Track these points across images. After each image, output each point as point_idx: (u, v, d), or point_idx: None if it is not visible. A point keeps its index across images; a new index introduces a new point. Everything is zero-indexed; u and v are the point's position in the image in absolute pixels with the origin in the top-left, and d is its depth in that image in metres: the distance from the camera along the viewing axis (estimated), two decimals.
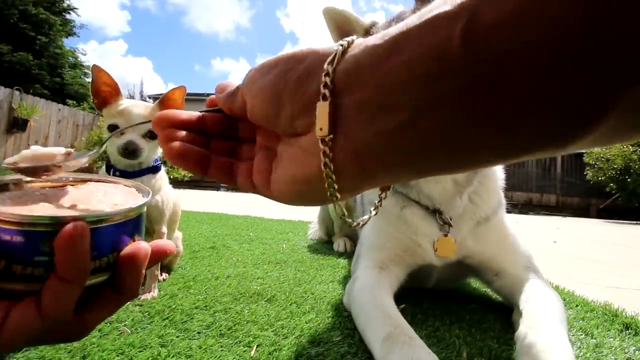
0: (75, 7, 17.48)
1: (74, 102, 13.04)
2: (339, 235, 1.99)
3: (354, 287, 0.91)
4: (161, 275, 1.13)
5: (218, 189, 11.84)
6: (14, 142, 9.45)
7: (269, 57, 0.32)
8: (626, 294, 1.44)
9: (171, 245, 0.35)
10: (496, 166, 1.04)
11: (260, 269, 1.36)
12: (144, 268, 0.32)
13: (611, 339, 0.85)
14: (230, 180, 0.35)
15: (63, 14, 17.11)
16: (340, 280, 1.28)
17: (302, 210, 4.63)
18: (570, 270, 1.91)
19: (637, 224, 8.52)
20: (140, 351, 0.67)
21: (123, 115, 0.97)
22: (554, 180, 12.17)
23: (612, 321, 0.97)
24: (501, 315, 0.97)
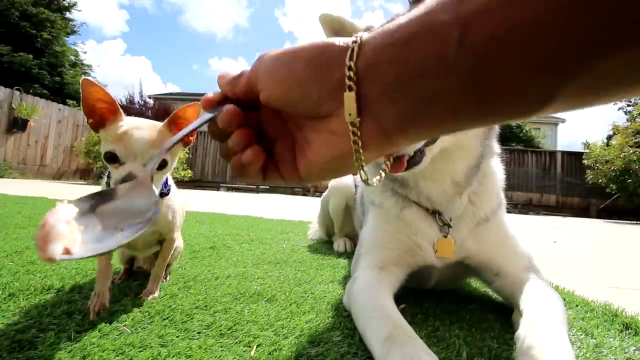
0: (75, 3, 17.45)
1: (74, 102, 13.05)
2: (339, 235, 1.99)
3: (354, 287, 0.91)
4: (165, 279, 1.12)
5: (218, 188, 11.84)
6: (14, 142, 9.45)
7: (284, 47, 0.37)
8: (626, 294, 1.44)
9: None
10: (496, 166, 1.04)
11: (260, 269, 1.36)
12: None
13: (611, 339, 0.85)
14: (244, 172, 0.39)
15: (63, 12, 17.10)
16: (340, 280, 1.28)
17: (302, 210, 4.63)
18: (570, 270, 1.92)
19: (637, 224, 8.52)
20: (140, 351, 0.67)
21: (122, 141, 0.79)
22: (554, 180, 12.17)
23: (612, 321, 0.97)
24: (501, 315, 0.97)
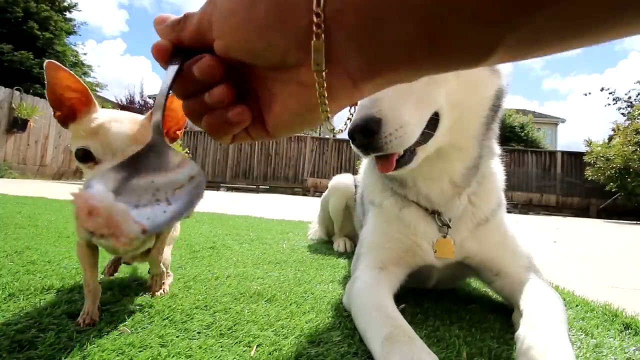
0: (76, 3, 17.45)
1: None
2: (339, 235, 1.99)
3: (353, 287, 0.91)
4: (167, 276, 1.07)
5: (218, 188, 11.84)
6: (14, 142, 9.45)
7: None
8: (626, 294, 1.44)
9: None
10: (496, 166, 1.03)
11: (260, 269, 1.36)
12: None
13: (611, 339, 0.85)
14: (225, 133, 0.37)
15: (64, 13, 17.11)
16: (340, 280, 1.28)
17: (302, 210, 4.63)
18: (570, 270, 1.92)
19: (637, 224, 8.52)
20: (140, 351, 0.67)
21: (98, 136, 0.68)
22: (554, 180, 12.17)
23: (612, 321, 0.97)
24: (501, 315, 0.97)
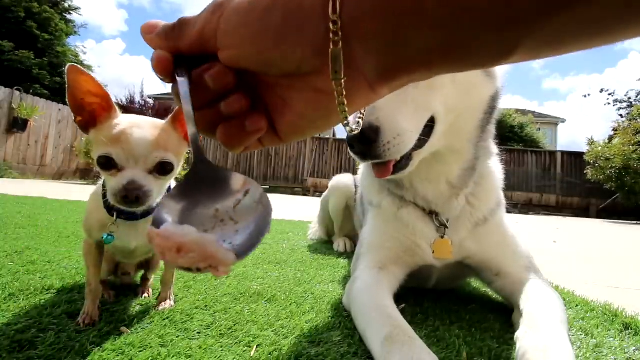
0: (78, 7, 17.54)
1: None
2: (339, 235, 1.99)
3: (353, 287, 0.91)
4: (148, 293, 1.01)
5: None
6: (14, 142, 9.45)
7: None
8: (626, 294, 1.44)
9: None
10: (494, 166, 1.03)
11: (260, 269, 1.36)
12: None
13: (611, 339, 0.85)
14: (241, 143, 0.35)
15: (64, 14, 17.13)
16: (340, 280, 1.28)
17: (302, 210, 4.63)
18: (570, 270, 1.91)
19: (637, 223, 8.51)
20: (140, 351, 0.67)
21: (120, 143, 0.68)
22: (554, 180, 12.16)
23: (612, 321, 0.97)
24: (501, 315, 0.97)
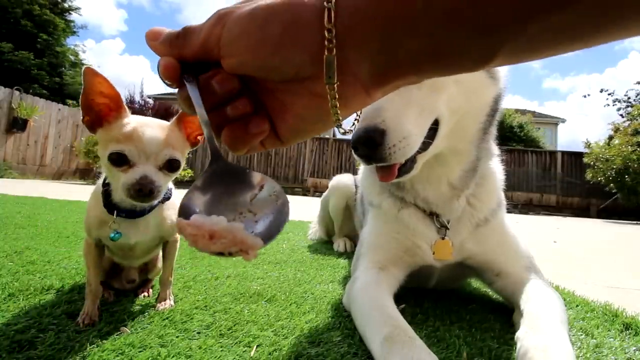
0: (78, 7, 17.56)
1: (74, 102, 13.03)
2: (339, 236, 1.99)
3: (353, 288, 0.91)
4: (148, 293, 1.02)
5: None
6: (14, 142, 9.44)
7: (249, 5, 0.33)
8: (626, 294, 1.44)
9: None
10: (495, 167, 1.03)
11: (260, 269, 1.36)
12: None
13: (611, 339, 0.85)
14: (245, 145, 0.37)
15: (64, 15, 17.13)
16: (340, 280, 1.28)
17: (302, 210, 4.63)
18: (570, 270, 1.91)
19: (637, 224, 8.51)
20: (140, 351, 0.67)
21: (132, 140, 0.72)
22: (554, 180, 12.16)
23: (612, 321, 0.97)
24: (501, 316, 0.97)
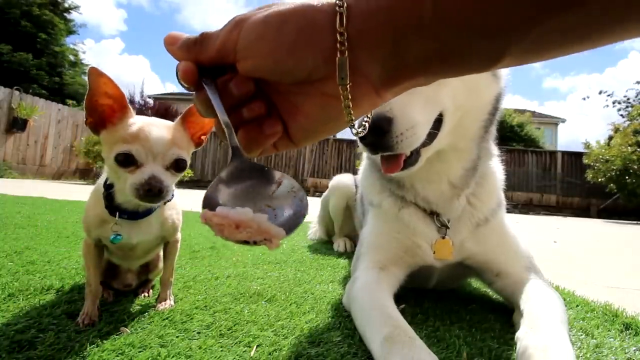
0: (77, 6, 17.54)
1: (74, 102, 13.04)
2: (339, 235, 1.99)
3: (353, 288, 0.91)
4: (148, 293, 1.01)
5: None
6: (14, 142, 9.44)
7: (264, 10, 0.35)
8: (626, 294, 1.44)
9: None
10: (495, 166, 1.03)
11: (260, 269, 1.36)
12: None
13: (611, 339, 0.85)
14: (259, 146, 0.38)
15: (64, 14, 17.13)
16: (340, 280, 1.28)
17: None
18: (570, 270, 1.91)
19: (637, 224, 8.52)
20: (140, 351, 0.67)
21: (139, 140, 0.72)
22: (554, 180, 12.16)
23: (613, 321, 0.97)
24: (501, 316, 0.97)
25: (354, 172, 1.95)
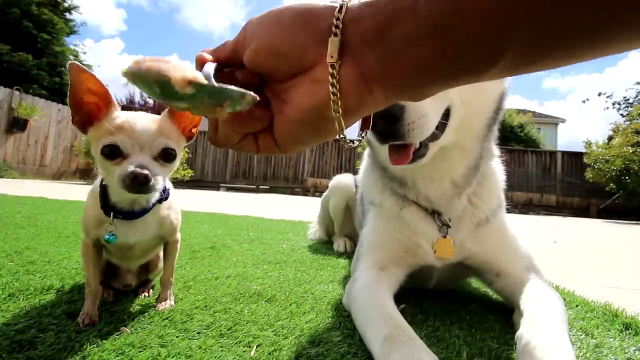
0: (77, 5, 17.54)
1: None
2: (339, 235, 1.99)
3: (353, 287, 0.91)
4: (148, 293, 1.01)
5: (218, 188, 11.83)
6: (14, 142, 9.44)
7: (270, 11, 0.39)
8: (626, 294, 1.44)
9: None
10: (496, 167, 1.04)
11: (260, 269, 1.36)
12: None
13: (611, 339, 0.85)
14: (246, 128, 0.40)
15: (64, 14, 17.13)
16: (340, 280, 1.28)
17: (302, 211, 4.63)
18: (570, 270, 1.91)
19: (637, 224, 8.51)
20: (140, 351, 0.67)
21: (124, 131, 0.71)
22: (554, 180, 12.16)
23: (612, 321, 0.97)
24: (501, 316, 0.97)
25: (354, 172, 1.95)
